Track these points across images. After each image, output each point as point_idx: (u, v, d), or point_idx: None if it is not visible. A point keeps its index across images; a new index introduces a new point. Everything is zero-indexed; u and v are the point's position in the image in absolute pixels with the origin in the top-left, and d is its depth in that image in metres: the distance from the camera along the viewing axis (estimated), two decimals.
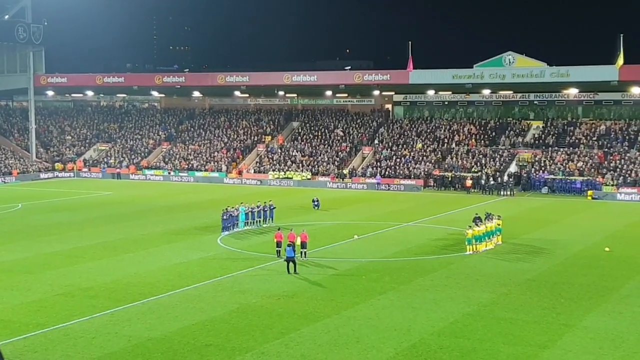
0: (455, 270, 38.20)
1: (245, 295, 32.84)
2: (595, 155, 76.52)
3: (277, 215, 53.93)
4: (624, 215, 59.00)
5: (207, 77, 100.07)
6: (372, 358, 24.76)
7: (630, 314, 29.89)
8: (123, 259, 40.90)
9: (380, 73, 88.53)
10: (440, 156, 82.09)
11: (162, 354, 25.22)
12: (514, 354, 25.10)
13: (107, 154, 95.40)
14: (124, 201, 67.43)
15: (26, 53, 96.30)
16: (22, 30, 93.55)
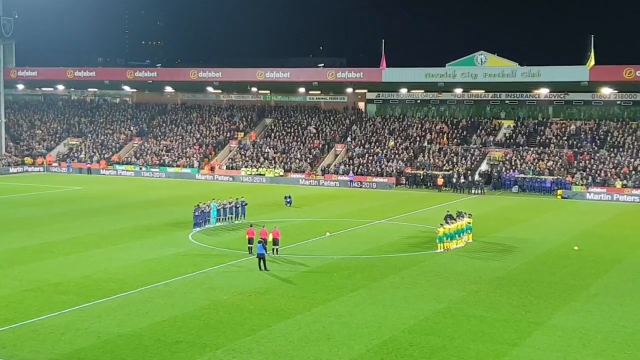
0: (426, 267, 38.40)
1: (217, 291, 32.84)
2: (565, 155, 77.15)
3: (249, 212, 53.88)
4: (592, 215, 59.51)
5: (179, 72, 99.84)
6: (343, 355, 24.86)
7: (599, 313, 30.21)
8: (93, 254, 40.70)
9: (353, 71, 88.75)
10: (412, 154, 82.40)
11: (132, 350, 25.17)
12: (484, 351, 25.31)
13: (78, 149, 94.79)
14: (95, 196, 67.04)
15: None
16: None
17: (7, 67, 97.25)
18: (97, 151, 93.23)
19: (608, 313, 30.13)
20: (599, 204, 67.46)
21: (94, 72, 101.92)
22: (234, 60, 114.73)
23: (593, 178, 72.60)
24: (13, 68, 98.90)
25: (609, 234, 50.17)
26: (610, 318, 29.41)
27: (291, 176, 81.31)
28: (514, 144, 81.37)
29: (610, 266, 39.28)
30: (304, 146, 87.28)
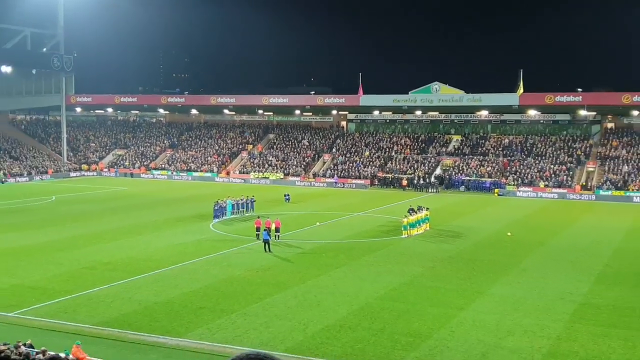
0: (393, 249, 38.54)
1: (232, 268, 32.93)
2: (500, 162, 77.29)
3: (256, 207, 53.91)
4: (522, 208, 59.72)
5: (202, 98, 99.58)
6: (329, 317, 24.98)
7: (527, 284, 30.42)
8: (135, 240, 40.76)
9: (337, 97, 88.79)
10: (383, 162, 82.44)
11: (165, 314, 25.26)
12: (438, 314, 25.47)
13: (123, 158, 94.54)
14: (136, 195, 67.03)
15: (59, 78, 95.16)
16: (57, 60, 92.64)
17: (68, 94, 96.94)
18: (138, 159, 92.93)
19: (534, 284, 30.34)
20: (526, 199, 67.73)
21: (135, 98, 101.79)
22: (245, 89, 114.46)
23: (522, 180, 72.84)
24: (73, 95, 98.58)
25: (535, 223, 50.40)
26: (535, 287, 29.61)
27: (289, 179, 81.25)
28: (461, 153, 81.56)
29: (535, 247, 39.50)
30: (299, 155, 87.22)
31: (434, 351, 21.60)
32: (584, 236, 44.14)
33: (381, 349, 21.70)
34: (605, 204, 64.34)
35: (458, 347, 21.96)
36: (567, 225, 49.19)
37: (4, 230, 43.82)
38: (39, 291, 28.37)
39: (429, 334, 23.17)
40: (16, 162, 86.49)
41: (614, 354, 21.43)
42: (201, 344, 22.19)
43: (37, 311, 25.66)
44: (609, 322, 24.65)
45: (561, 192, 69.41)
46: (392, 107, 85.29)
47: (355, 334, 23.16)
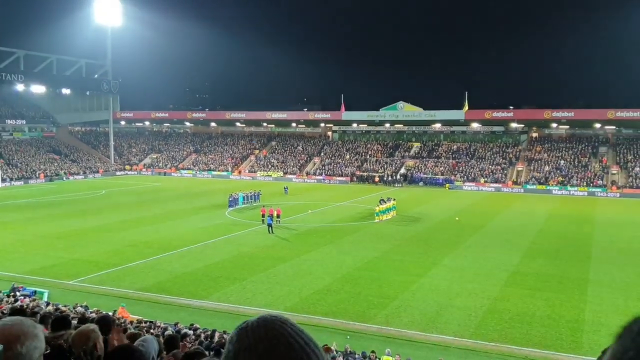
0: (368, 231, 38.58)
1: (243, 246, 32.85)
2: (450, 163, 77.48)
3: (262, 198, 53.89)
4: (467, 199, 59.89)
5: (219, 114, 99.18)
6: (319, 283, 24.98)
7: (471, 257, 30.52)
8: (167, 224, 40.59)
9: (324, 113, 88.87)
10: (360, 163, 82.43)
11: (192, 282, 25.19)
12: (402, 280, 25.52)
13: (157, 160, 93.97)
14: (168, 189, 66.76)
15: (108, 98, 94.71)
16: (106, 84, 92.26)
17: (114, 111, 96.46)
18: (169, 161, 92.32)
19: (476, 257, 30.44)
20: (470, 192, 67.99)
21: (167, 114, 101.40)
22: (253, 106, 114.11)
23: (467, 177, 73.03)
24: (118, 111, 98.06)
25: (477, 210, 50.54)
26: (478, 260, 29.71)
27: (287, 176, 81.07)
28: (420, 156, 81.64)
29: (477, 229, 39.59)
30: (295, 158, 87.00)
31: (399, 309, 21.64)
32: (515, 220, 44.29)
33: (359, 308, 21.72)
34: (531, 195, 64.63)
35: (418, 305, 22.02)
36: (501, 212, 49.34)
37: (66, 216, 43.56)
38: (93, 264, 28.22)
39: (396, 296, 23.22)
40: (74, 164, 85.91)
41: (538, 310, 21.54)
42: (219, 305, 22.15)
43: (91, 280, 25.54)
44: (534, 286, 24.78)
45: (497, 187, 69.64)
46: (366, 121, 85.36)
47: (338, 296, 23.17)
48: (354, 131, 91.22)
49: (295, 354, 1.19)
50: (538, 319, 20.53)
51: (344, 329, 19.71)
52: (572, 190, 65.90)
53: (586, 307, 21.84)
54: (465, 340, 18.71)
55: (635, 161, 69.65)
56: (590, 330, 19.36)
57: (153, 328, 14.95)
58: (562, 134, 79.13)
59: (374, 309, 21.55)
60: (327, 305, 22.06)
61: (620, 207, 53.80)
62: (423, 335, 19.12)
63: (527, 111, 79.56)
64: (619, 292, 23.84)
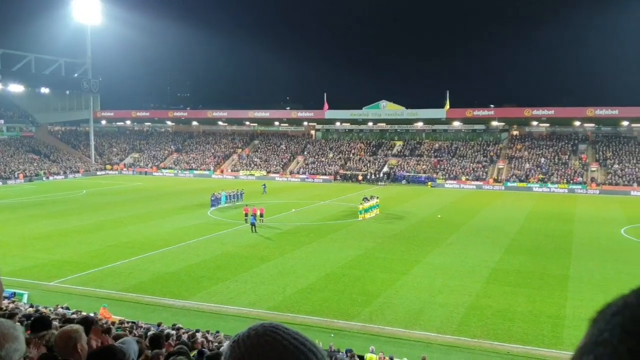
0: (352, 229, 38.65)
1: (226, 245, 32.72)
2: (432, 161, 77.96)
3: (245, 197, 53.71)
4: (448, 197, 60.26)
5: (201, 112, 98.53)
6: (302, 282, 24.98)
7: (452, 254, 30.73)
8: (149, 223, 40.27)
9: (307, 111, 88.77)
10: (343, 161, 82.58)
11: (174, 282, 25.04)
12: (386, 278, 25.63)
13: (139, 159, 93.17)
14: (149, 189, 66.21)
15: (88, 97, 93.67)
16: (86, 83, 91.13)
17: (95, 110, 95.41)
18: (150, 161, 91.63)
19: (458, 254, 30.66)
20: (452, 190, 68.47)
21: (148, 113, 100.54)
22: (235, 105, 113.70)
23: (449, 175, 73.54)
24: (98, 110, 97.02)
25: (458, 208, 50.85)
26: (459, 257, 29.93)
27: (271, 175, 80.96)
28: (402, 155, 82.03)
29: (459, 226, 39.86)
30: (278, 157, 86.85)
31: (383, 306, 21.73)
32: (496, 217, 44.66)
33: (343, 306, 21.77)
34: (511, 192, 65.26)
35: (401, 302, 22.13)
36: (483, 210, 49.69)
37: (46, 217, 42.99)
38: (74, 265, 27.91)
39: (379, 293, 23.31)
40: (54, 164, 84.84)
41: (519, 306, 21.78)
42: (202, 305, 22.04)
43: (72, 281, 25.26)
44: (515, 283, 25.04)
45: (478, 184, 70.23)
46: (350, 120, 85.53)
47: (322, 294, 23.20)
48: (337, 130, 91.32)
49: (291, 356, 1.18)
50: (519, 315, 20.75)
51: (328, 327, 19.74)
52: (553, 188, 66.71)
53: (567, 303, 22.12)
54: (447, 336, 18.85)
55: (614, 158, 70.73)
56: (571, 326, 19.61)
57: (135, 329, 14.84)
58: (542, 132, 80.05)
59: (357, 307, 21.60)
60: (311, 303, 22.07)
61: (599, 203, 54.58)
62: (406, 332, 19.22)
63: (507, 109, 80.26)
64: (599, 287, 24.19)
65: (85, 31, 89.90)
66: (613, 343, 0.62)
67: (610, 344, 0.62)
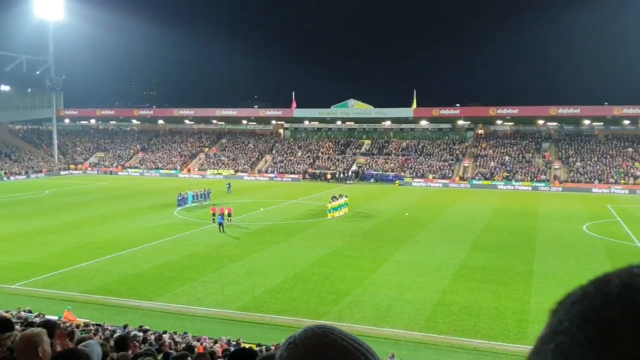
0: (321, 228, 38.70)
1: (193, 246, 32.39)
2: (400, 160, 78.62)
3: (212, 196, 53.25)
4: (416, 195, 60.80)
5: (167, 111, 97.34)
6: (271, 282, 24.91)
7: (420, 251, 31.04)
8: (115, 224, 39.57)
9: (275, 110, 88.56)
10: (312, 160, 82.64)
11: (140, 283, 24.69)
12: (355, 276, 25.75)
13: (104, 159, 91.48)
14: (114, 188, 65.05)
15: (51, 95, 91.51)
16: (48, 81, 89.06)
17: (58, 108, 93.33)
18: (116, 160, 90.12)
19: (425, 251, 30.98)
20: (420, 188, 69.16)
21: (113, 111, 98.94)
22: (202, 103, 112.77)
23: (416, 173, 74.27)
24: (62, 109, 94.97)
25: (425, 206, 51.38)
26: (426, 254, 30.26)
27: (239, 174, 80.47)
28: (371, 153, 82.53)
29: (426, 224, 40.27)
30: (246, 156, 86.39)
31: (352, 305, 21.84)
32: (462, 215, 45.23)
33: (312, 305, 21.80)
34: (477, 190, 66.30)
35: (370, 300, 22.27)
36: (449, 207, 50.27)
37: (8, 218, 41.83)
38: (37, 267, 27.23)
39: (348, 291, 23.40)
40: (15, 164, 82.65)
41: (485, 302, 22.15)
42: (169, 306, 21.79)
43: (35, 283, 24.65)
44: (481, 279, 25.46)
45: (445, 182, 71.13)
46: (318, 118, 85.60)
47: (291, 294, 23.18)
48: (305, 128, 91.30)
49: (352, 357, 1.18)
50: (485, 311, 21.10)
51: (297, 326, 19.71)
52: (517, 185, 68.04)
53: (531, 299, 22.59)
54: (415, 333, 19.06)
55: (576, 156, 72.55)
56: (535, 321, 20.03)
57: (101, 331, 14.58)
58: (506, 131, 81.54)
59: (326, 305, 21.66)
60: (279, 303, 22.03)
61: (562, 201, 55.90)
62: (375, 329, 19.35)
63: (473, 108, 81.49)
64: (562, 283, 24.77)
65: (48, 27, 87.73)
66: (572, 331, 0.63)
67: (570, 333, 0.63)
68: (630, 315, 0.59)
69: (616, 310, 0.61)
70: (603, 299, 0.63)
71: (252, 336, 18.01)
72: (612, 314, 0.61)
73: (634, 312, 0.59)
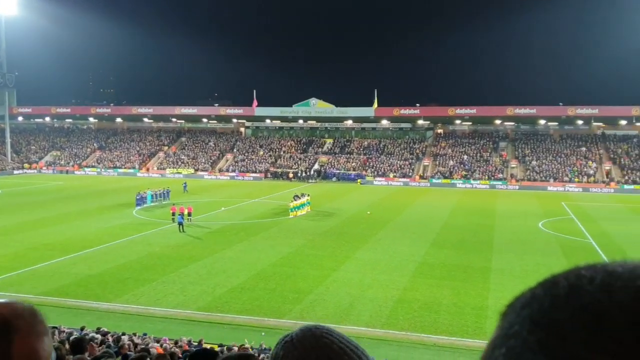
0: (283, 227, 38.63)
1: (152, 246, 31.87)
2: (361, 159, 79.12)
3: (171, 196, 52.50)
4: (377, 194, 61.27)
5: (125, 109, 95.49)
6: (233, 281, 24.75)
7: (381, 249, 31.32)
8: (71, 224, 38.55)
9: (236, 108, 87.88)
10: (274, 159, 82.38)
11: (97, 285, 24.15)
12: (317, 275, 25.81)
13: (59, 158, 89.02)
14: (71, 188, 63.39)
15: (3, 92, 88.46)
16: (0, 78, 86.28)
17: (11, 106, 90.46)
18: (72, 159, 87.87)
19: (386, 249, 31.27)
20: (381, 187, 69.75)
21: (69, 109, 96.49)
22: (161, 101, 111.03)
23: (377, 172, 74.89)
24: (15, 106, 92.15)
25: (387, 204, 51.81)
26: (388, 252, 30.56)
27: (199, 173, 79.58)
28: (333, 152, 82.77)
29: (387, 222, 40.64)
30: (207, 154, 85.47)
31: (314, 303, 21.88)
32: (422, 213, 45.83)
33: (274, 304, 21.74)
34: (436, 189, 67.32)
35: (332, 299, 22.36)
36: (409, 206, 50.85)
37: None
38: None
39: (310, 290, 23.44)
40: None
41: (445, 299, 22.53)
42: (128, 307, 21.39)
43: None
44: (440, 276, 25.87)
45: (405, 181, 71.97)
46: (280, 117, 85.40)
47: (253, 293, 23.07)
48: (267, 127, 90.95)
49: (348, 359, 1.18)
50: (445, 307, 21.46)
51: (259, 325, 19.66)
52: (475, 184, 69.40)
53: (489, 295, 23.08)
54: (377, 330, 19.23)
55: (532, 155, 74.49)
56: (493, 316, 20.45)
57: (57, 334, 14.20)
58: (465, 130, 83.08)
59: (289, 304, 21.64)
60: (241, 302, 21.90)
61: (518, 198, 57.30)
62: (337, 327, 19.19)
63: (432, 108, 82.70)
64: (519, 279, 25.39)
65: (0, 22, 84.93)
66: (523, 335, 0.63)
67: (521, 336, 0.63)
68: (578, 316, 0.60)
69: (565, 312, 0.61)
70: (552, 302, 0.63)
71: (213, 336, 17.85)
72: (561, 316, 0.61)
73: (582, 314, 0.60)
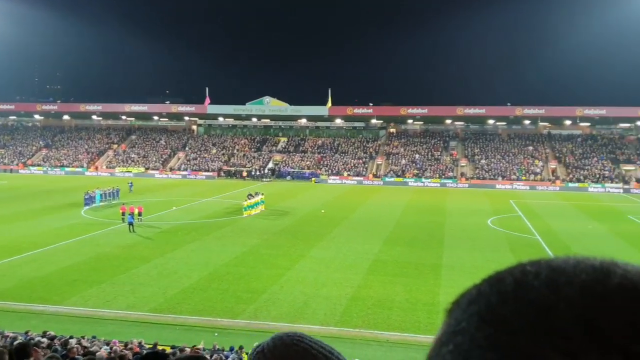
0: (236, 226, 38.34)
1: (101, 247, 31.06)
2: (315, 158, 79.33)
3: (121, 195, 51.29)
4: (332, 192, 61.54)
5: (73, 106, 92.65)
6: (184, 282, 24.40)
7: (335, 248, 31.49)
8: (16, 225, 37.15)
9: (188, 106, 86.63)
10: (227, 158, 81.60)
11: (44, 287, 23.38)
12: (271, 274, 25.73)
13: (3, 156, 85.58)
14: (16, 187, 61.05)
15: None
16: None
17: None
18: (17, 158, 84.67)
19: (341, 247, 31.46)
20: (335, 185, 70.10)
21: (13, 106, 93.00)
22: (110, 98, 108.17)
23: (332, 170, 75.26)
24: None
25: (341, 202, 52.10)
26: (342, 250, 30.76)
27: (150, 172, 78.03)
28: (287, 151, 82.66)
29: (341, 221, 40.90)
30: (158, 153, 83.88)
31: (268, 303, 21.82)
32: (375, 211, 46.29)
33: (227, 304, 21.56)
34: (389, 187, 68.23)
35: (286, 298, 22.35)
36: (363, 204, 51.31)
37: None
38: None
39: (264, 289, 23.35)
40: None
41: (398, 295, 22.86)
42: (76, 310, 20.79)
43: None
44: (394, 273, 26.24)
45: (359, 180, 72.62)
46: (233, 115, 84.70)
47: (206, 294, 22.81)
48: (220, 125, 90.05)
49: None
50: (397, 304, 21.78)
51: (211, 326, 19.46)
52: (426, 182, 70.69)
53: (440, 291, 23.57)
54: (331, 328, 19.34)
55: (481, 154, 76.43)
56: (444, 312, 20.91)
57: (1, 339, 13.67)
58: (416, 130, 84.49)
59: (242, 304, 21.50)
60: (193, 303, 21.62)
61: (468, 196, 58.70)
62: (291, 326, 19.42)
63: (385, 108, 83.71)
64: (469, 275, 26.01)
65: None
66: (471, 331, 0.63)
67: (469, 333, 0.63)
68: (526, 312, 0.60)
69: (512, 308, 0.61)
70: (498, 298, 0.64)
71: (166, 338, 17.56)
72: (508, 312, 0.61)
73: (528, 309, 0.60)
